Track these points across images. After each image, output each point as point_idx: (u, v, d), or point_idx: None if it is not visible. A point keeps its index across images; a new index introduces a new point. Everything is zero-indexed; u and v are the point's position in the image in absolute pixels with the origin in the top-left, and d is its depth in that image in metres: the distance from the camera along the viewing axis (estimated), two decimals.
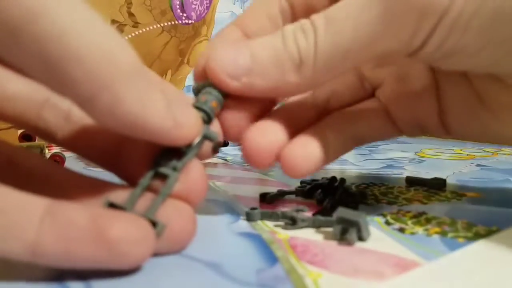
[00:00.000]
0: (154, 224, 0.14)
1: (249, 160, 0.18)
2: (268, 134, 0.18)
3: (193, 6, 0.58)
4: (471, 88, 0.20)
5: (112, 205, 0.15)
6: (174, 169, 0.15)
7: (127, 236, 0.13)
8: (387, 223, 0.19)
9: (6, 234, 0.12)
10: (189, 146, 0.16)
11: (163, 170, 0.15)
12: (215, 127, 0.17)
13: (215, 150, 0.17)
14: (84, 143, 0.18)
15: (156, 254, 0.15)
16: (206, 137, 0.16)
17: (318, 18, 0.17)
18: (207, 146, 0.17)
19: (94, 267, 0.13)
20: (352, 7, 0.16)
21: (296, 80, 0.17)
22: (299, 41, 0.17)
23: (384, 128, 0.22)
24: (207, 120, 0.17)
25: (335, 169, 0.33)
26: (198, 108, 0.16)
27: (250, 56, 0.17)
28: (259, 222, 0.19)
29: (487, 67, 0.18)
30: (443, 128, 0.21)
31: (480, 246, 0.16)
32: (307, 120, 0.20)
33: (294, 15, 0.20)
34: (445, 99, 0.21)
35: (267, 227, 0.19)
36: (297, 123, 0.19)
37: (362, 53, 0.16)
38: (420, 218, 0.20)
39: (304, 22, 0.17)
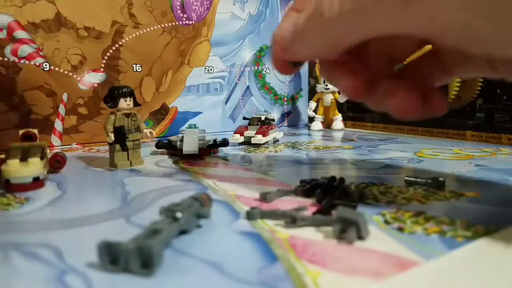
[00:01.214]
0: None
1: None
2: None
3: (194, 7, 0.58)
4: None
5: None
6: None
7: None
8: (386, 222, 0.19)
9: None
10: None
11: None
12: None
13: None
14: None
15: None
16: None
17: None
18: None
19: None
20: None
21: (321, 40, 0.19)
22: (324, 3, 0.18)
23: (439, 73, 0.23)
24: None
25: (334, 168, 0.33)
26: None
27: (293, 29, 0.20)
28: (259, 221, 0.20)
29: None
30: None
31: (479, 246, 0.17)
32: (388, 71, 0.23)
33: None
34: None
35: (267, 226, 0.19)
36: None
37: (381, 20, 0.17)
38: (419, 217, 0.20)
39: None
